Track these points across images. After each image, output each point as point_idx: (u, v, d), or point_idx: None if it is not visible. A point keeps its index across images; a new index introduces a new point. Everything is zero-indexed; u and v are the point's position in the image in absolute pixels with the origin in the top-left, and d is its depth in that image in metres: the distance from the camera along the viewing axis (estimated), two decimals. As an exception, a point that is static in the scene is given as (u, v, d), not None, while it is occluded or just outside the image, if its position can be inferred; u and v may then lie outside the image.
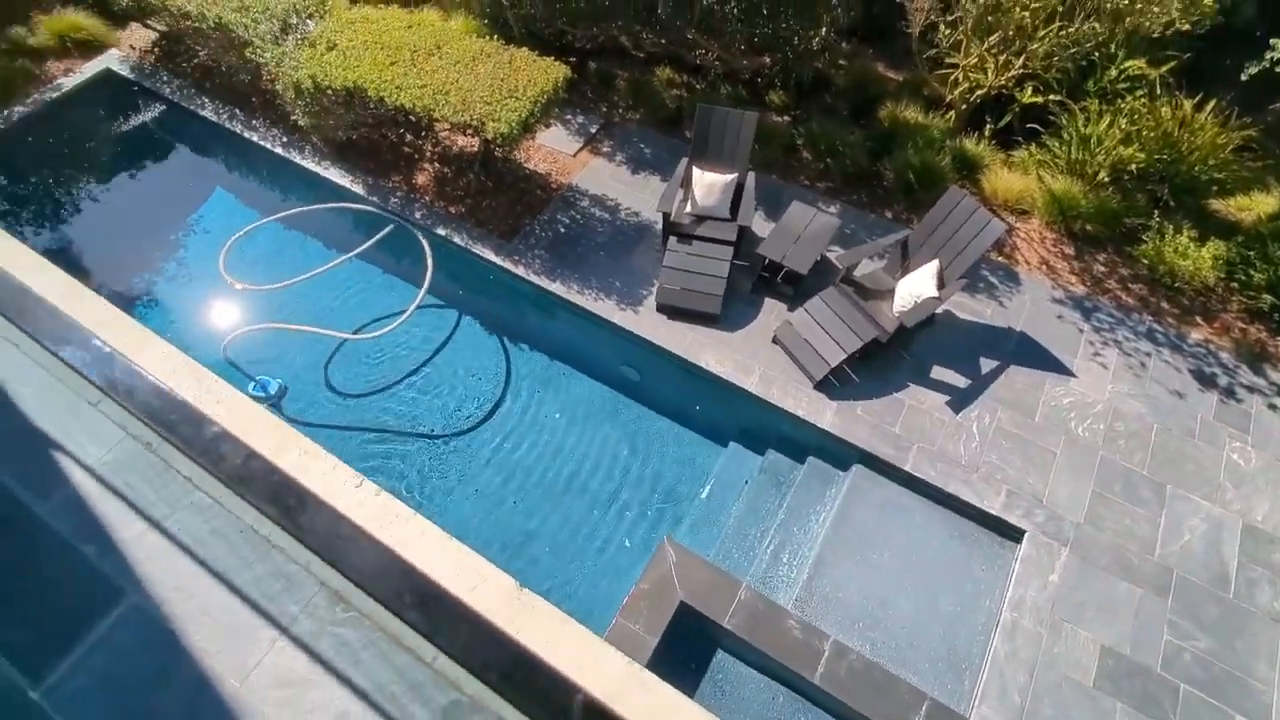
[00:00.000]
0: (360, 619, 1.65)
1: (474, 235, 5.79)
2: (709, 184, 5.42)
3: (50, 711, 1.48)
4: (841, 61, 7.10)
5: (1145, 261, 5.55)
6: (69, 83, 6.89)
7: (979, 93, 5.92)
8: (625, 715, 1.45)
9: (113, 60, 7.13)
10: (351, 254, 5.75)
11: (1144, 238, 5.61)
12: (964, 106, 6.21)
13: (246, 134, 6.49)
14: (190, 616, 1.72)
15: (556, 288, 5.47)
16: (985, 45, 5.59)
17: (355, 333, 5.50)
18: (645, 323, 5.27)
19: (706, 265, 5.27)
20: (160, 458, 1.96)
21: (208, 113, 6.67)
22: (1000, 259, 5.69)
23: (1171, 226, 5.51)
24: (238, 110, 6.66)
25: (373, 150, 6.32)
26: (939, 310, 5.27)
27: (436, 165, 6.30)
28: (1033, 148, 6.12)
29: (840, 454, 4.80)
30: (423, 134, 6.23)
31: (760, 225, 5.79)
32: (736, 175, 5.47)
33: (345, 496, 1.74)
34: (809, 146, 6.34)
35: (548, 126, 5.99)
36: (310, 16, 5.70)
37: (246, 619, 1.71)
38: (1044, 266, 5.65)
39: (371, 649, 1.60)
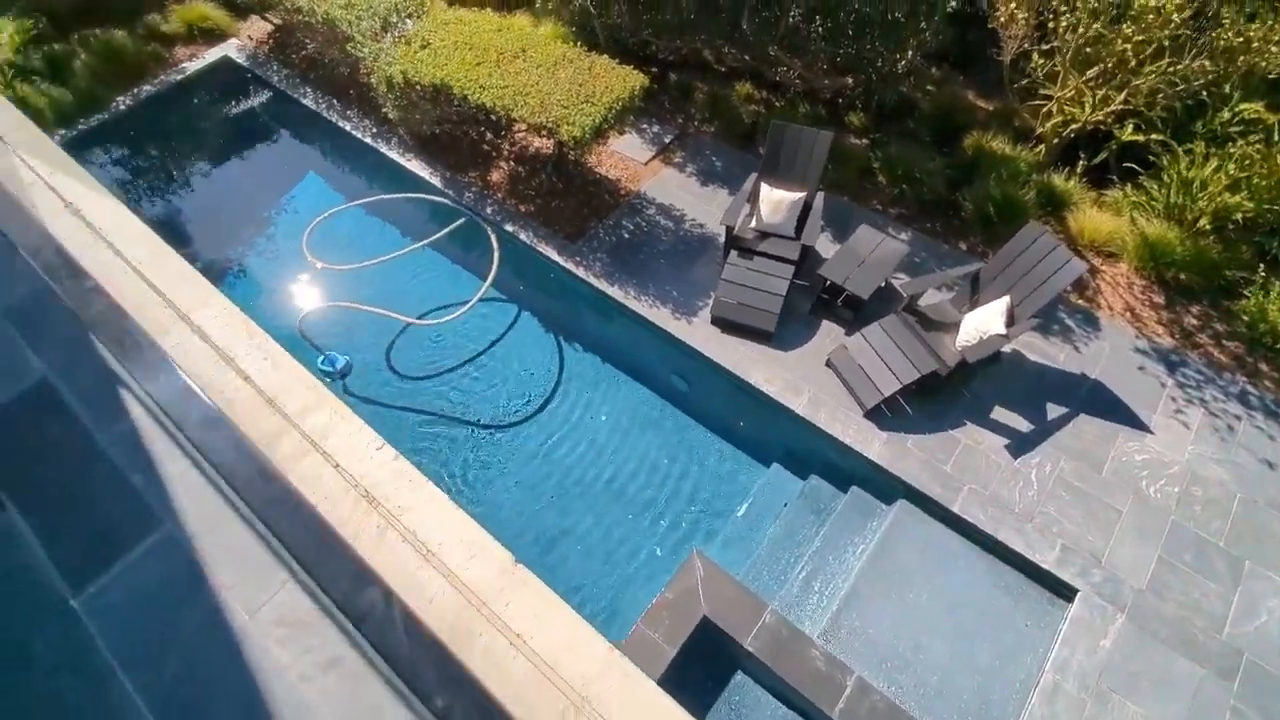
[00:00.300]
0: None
1: (540, 234, 5.94)
2: (776, 201, 5.38)
3: (85, 619, 1.62)
4: (929, 87, 6.93)
5: (1245, 318, 5.14)
6: (191, 67, 7.50)
7: (1073, 127, 5.65)
8: (602, 696, 1.46)
9: (231, 49, 7.71)
10: (424, 242, 6.01)
11: (1246, 293, 5.20)
12: (1056, 140, 5.94)
13: (340, 123, 6.89)
14: (214, 551, 1.85)
15: (614, 292, 5.54)
16: (1083, 78, 5.33)
17: (420, 318, 5.73)
18: (698, 334, 5.27)
19: (765, 282, 5.22)
20: (210, 402, 2.11)
21: (308, 101, 7.13)
22: (1080, 301, 5.40)
23: (1279, 283, 5.09)
24: (335, 101, 7.08)
25: (454, 146, 6.58)
26: (1006, 349, 5.05)
27: (512, 164, 6.51)
28: (1128, 188, 5.79)
29: (885, 487, 4.65)
30: (501, 133, 6.45)
31: (825, 246, 5.71)
32: (805, 194, 5.40)
33: (366, 458, 1.84)
34: (885, 171, 6.20)
35: (622, 133, 6.09)
36: (409, 16, 6.01)
37: (263, 560, 1.83)
38: (1128, 314, 5.32)
39: (379, 600, 1.68)
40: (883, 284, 5.21)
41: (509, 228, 5.99)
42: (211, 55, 7.64)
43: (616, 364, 5.60)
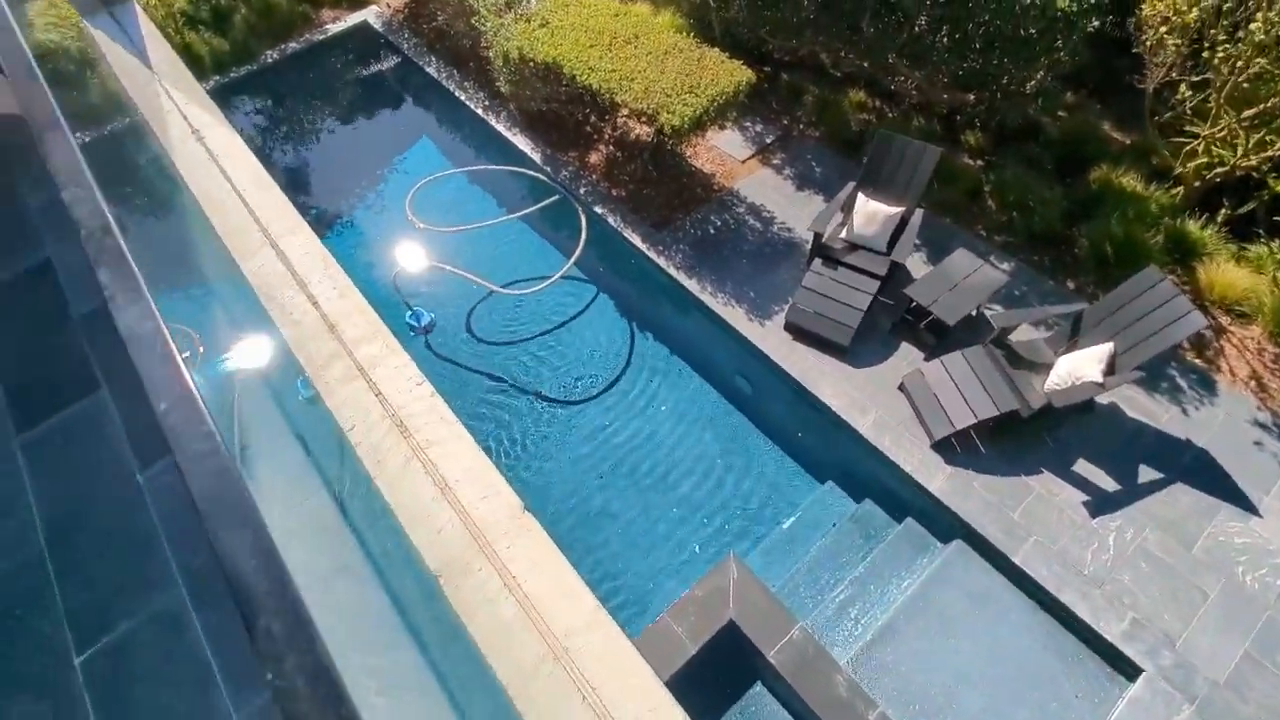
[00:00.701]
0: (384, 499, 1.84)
1: (628, 219, 6.00)
2: (871, 213, 5.18)
3: (147, 494, 1.78)
4: (1060, 112, 6.46)
5: (1398, 406, 4.51)
6: (333, 29, 8.05)
7: (1219, 171, 5.12)
8: (582, 650, 1.47)
9: (370, 15, 8.22)
10: (517, 214, 6.21)
11: (1404, 377, 4.55)
12: (1197, 184, 5.40)
13: (457, 93, 7.21)
14: (265, 456, 2.00)
15: (692, 285, 5.52)
16: (1239, 117, 4.81)
17: (504, 286, 5.93)
18: (770, 339, 5.17)
19: (847, 294, 5.05)
20: (278, 324, 2.28)
21: (431, 70, 7.50)
22: (1197, 361, 4.90)
23: None
24: (454, 71, 7.42)
25: (558, 124, 6.74)
26: (1102, 400, 4.67)
27: (611, 148, 6.60)
28: (1275, 245, 5.18)
29: (943, 523, 4.41)
30: (605, 116, 6.55)
31: (916, 265, 5.46)
32: (904, 209, 5.18)
33: (406, 391, 1.93)
34: (996, 195, 5.85)
35: (722, 128, 6.04)
36: (533, -5, 6.20)
37: (305, 470, 1.96)
38: (1253, 382, 4.77)
39: (385, 521, 1.77)
40: (973, 312, 4.92)
41: (598, 209, 6.09)
42: (352, 20, 8.17)
43: (684, 357, 5.59)
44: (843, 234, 5.33)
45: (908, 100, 6.46)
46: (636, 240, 5.86)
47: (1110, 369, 4.26)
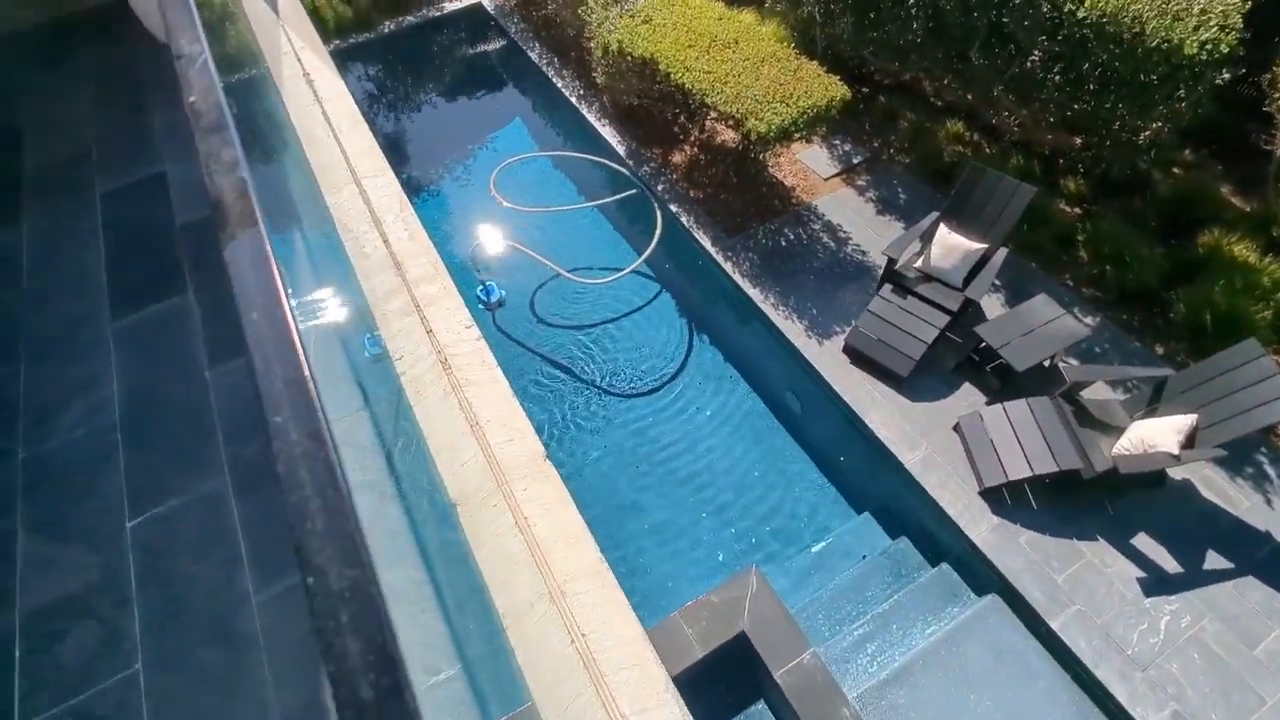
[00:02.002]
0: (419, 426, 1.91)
1: (701, 221, 6.01)
2: (951, 246, 5.01)
3: (211, 390, 1.89)
4: (1174, 168, 6.10)
5: None
6: (450, 7, 8.42)
7: (1347, 249, 4.71)
8: (579, 594, 1.49)
9: (485, -2, 8.55)
10: (594, 203, 6.32)
11: None
12: (1320, 260, 4.98)
13: (555, 80, 7.41)
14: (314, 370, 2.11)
15: (755, 294, 5.48)
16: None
17: (572, 272, 6.03)
18: (826, 359, 5.07)
19: (913, 324, 4.90)
20: (351, 257, 2.41)
21: (533, 55, 7.73)
22: (1292, 451, 4.51)
23: None
24: (555, 59, 7.62)
25: (647, 120, 6.83)
26: (1176, 475, 4.36)
27: (695, 150, 6.63)
28: (1403, 338, 4.72)
29: (980, 575, 4.21)
30: (694, 117, 6.58)
31: (991, 305, 5.24)
32: (986, 246, 4.99)
33: (455, 331, 2.00)
34: (1090, 245, 5.55)
35: (809, 142, 5.98)
36: (642, -8, 6.30)
37: (348, 389, 2.06)
38: (1355, 483, 4.35)
39: (415, 447, 1.84)
40: (1046, 363, 4.70)
41: (674, 208, 6.12)
42: (468, 0, 8.52)
43: (737, 365, 5.55)
44: (918, 263, 5.17)
45: (1008, 136, 6.22)
46: (706, 243, 5.87)
47: (1189, 443, 3.97)
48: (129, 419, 1.88)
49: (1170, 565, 4.06)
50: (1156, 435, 4.00)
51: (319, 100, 2.65)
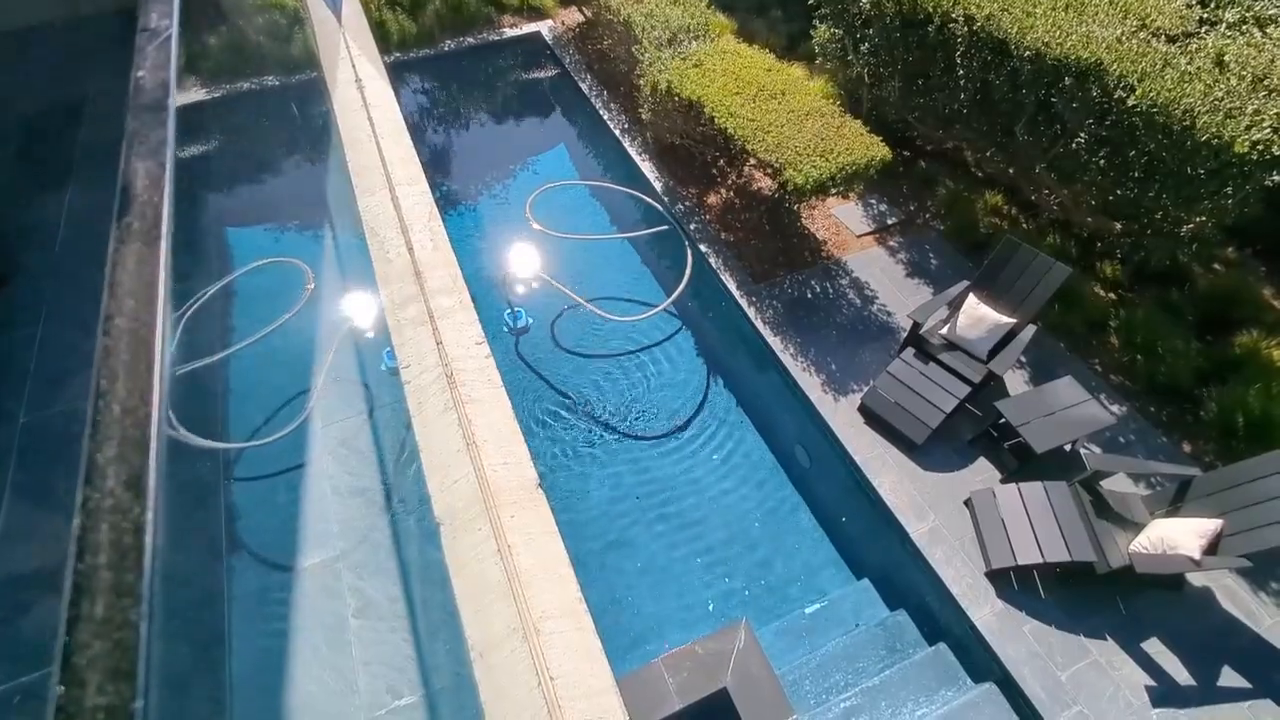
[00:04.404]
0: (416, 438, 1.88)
1: (729, 264, 6.02)
2: (978, 317, 4.95)
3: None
4: (1215, 265, 6.00)
5: None
6: (509, 33, 8.69)
7: (1393, 366, 4.55)
8: (551, 635, 1.42)
9: (544, 28, 8.82)
10: (625, 235, 6.37)
11: None
12: (1362, 375, 4.82)
13: (601, 112, 7.56)
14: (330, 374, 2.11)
15: (775, 342, 5.44)
16: None
17: (599, 301, 6.03)
18: (840, 416, 4.99)
19: (933, 392, 4.81)
20: (374, 262, 2.43)
21: (584, 86, 7.92)
22: (1321, 570, 4.29)
23: None
24: (604, 91, 7.79)
25: (686, 160, 6.91)
26: (1195, 580, 4.17)
27: (731, 194, 6.68)
28: None
29: (979, 661, 4.03)
30: (733, 162, 6.66)
31: (1015, 381, 5.14)
32: (1015, 321, 4.91)
33: (465, 347, 1.98)
34: (1122, 333, 5.44)
35: (845, 198, 5.99)
36: (696, 37, 6.45)
37: (355, 391, 2.04)
38: (1387, 612, 4.12)
39: (410, 459, 1.81)
40: (1067, 447, 4.57)
41: (703, 247, 6.14)
42: (527, 29, 8.79)
43: (749, 412, 5.48)
44: (943, 330, 5.11)
45: (1046, 214, 6.18)
46: (732, 286, 5.86)
47: (1212, 549, 3.80)
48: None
49: (1182, 676, 3.85)
50: (1178, 537, 3.84)
51: (366, 105, 2.72)
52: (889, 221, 6.43)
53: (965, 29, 5.31)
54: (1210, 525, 3.83)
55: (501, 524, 1.58)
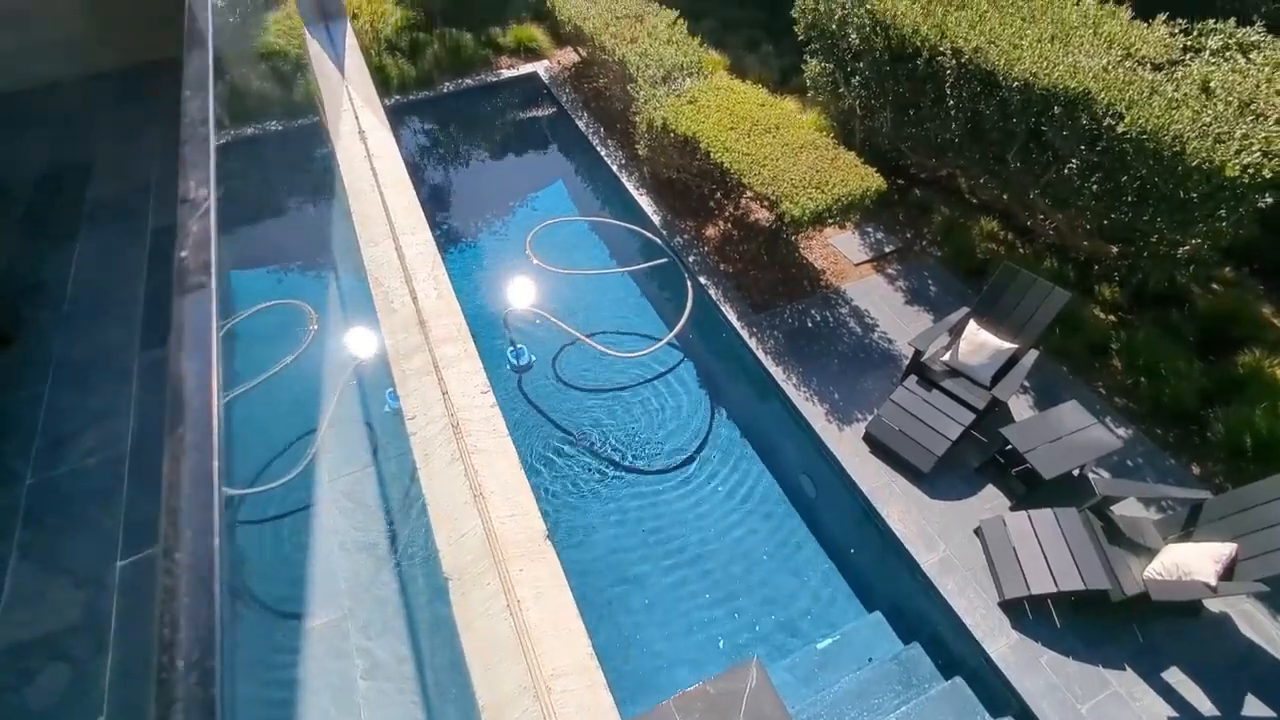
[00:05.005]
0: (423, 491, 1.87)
1: (728, 294, 6.06)
2: (980, 343, 4.96)
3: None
4: (1213, 285, 6.03)
5: None
6: (506, 74, 8.88)
7: (1397, 383, 4.54)
8: (563, 694, 1.40)
9: (540, 68, 9.02)
10: (625, 269, 6.42)
11: None
12: (1367, 392, 4.81)
13: (599, 148, 7.69)
14: (335, 423, 2.10)
15: (777, 372, 5.44)
16: None
17: (601, 336, 6.05)
18: (845, 445, 4.97)
19: (937, 419, 4.80)
20: (378, 310, 2.44)
21: (581, 124, 8.06)
22: (1340, 592, 4.22)
23: None
24: (601, 128, 7.93)
25: (684, 193, 7.00)
26: (1212, 606, 4.11)
27: (729, 225, 6.75)
28: None
29: (997, 694, 3.95)
30: (729, 194, 6.75)
31: (1019, 407, 5.12)
32: (1017, 347, 4.92)
33: (470, 396, 1.98)
34: (1124, 355, 5.44)
35: (842, 228, 6.05)
36: (690, 75, 6.59)
37: (360, 441, 2.03)
38: None
39: (418, 513, 1.80)
40: (1075, 472, 4.53)
41: (703, 279, 6.19)
42: (524, 69, 8.99)
43: (753, 442, 5.46)
44: (945, 357, 5.11)
45: (1043, 239, 6.24)
46: (732, 317, 5.89)
47: (1228, 574, 3.75)
48: (139, 452, 1.88)
49: (1205, 706, 3.77)
50: (1192, 562, 3.79)
51: (369, 156, 2.77)
52: (886, 249, 6.48)
53: (953, 62, 5.42)
54: (1224, 550, 3.78)
55: (510, 578, 1.56)
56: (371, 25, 8.79)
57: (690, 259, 6.41)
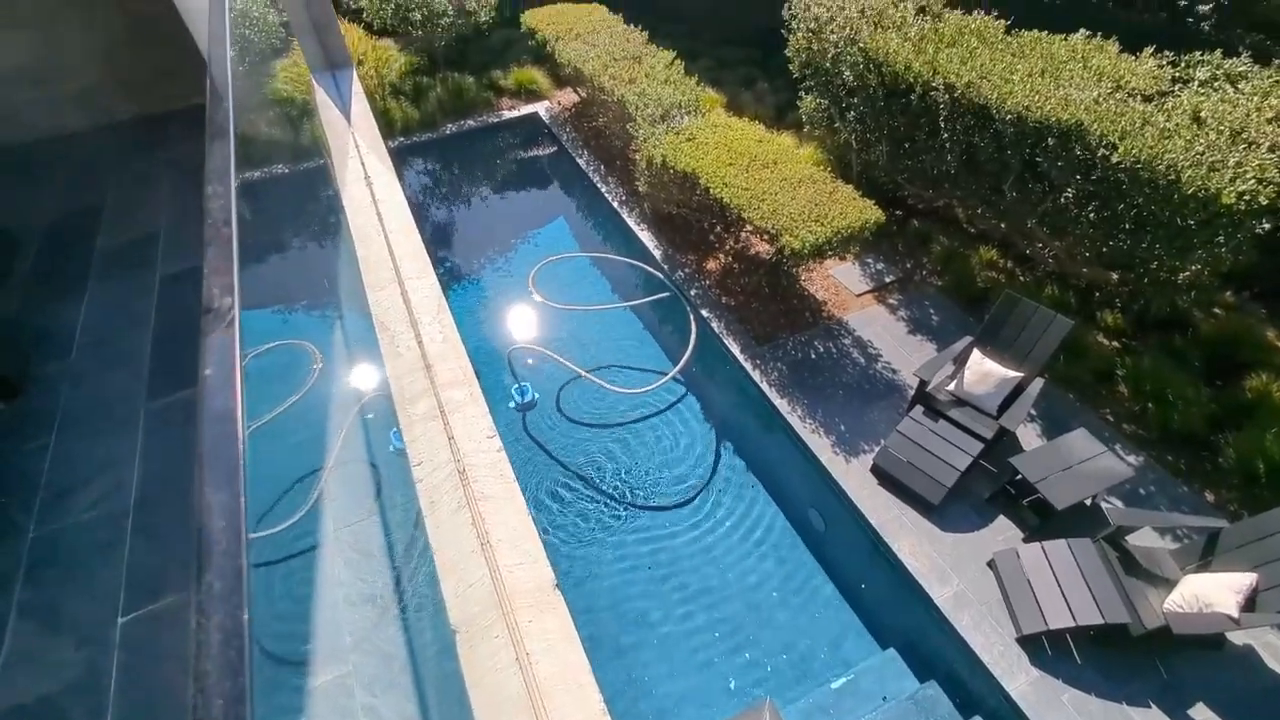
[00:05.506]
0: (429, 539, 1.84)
1: (731, 327, 6.07)
2: (985, 373, 4.94)
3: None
4: (1215, 310, 6.03)
5: None
6: (507, 115, 9.07)
7: None
8: None
9: (540, 109, 9.21)
10: (628, 304, 6.45)
11: None
12: (1378, 414, 4.76)
13: (599, 185, 7.80)
14: (340, 467, 2.07)
15: (782, 405, 5.42)
16: None
17: (603, 371, 6.05)
18: (853, 478, 4.92)
19: (946, 450, 4.76)
20: (384, 355, 2.45)
21: (581, 162, 8.20)
22: (1366, 622, 4.12)
23: None
24: (601, 166, 8.06)
25: (684, 228, 7.08)
26: (1236, 639, 4.01)
27: (729, 259, 6.80)
28: None
29: (1018, 735, 3.83)
30: (730, 228, 6.82)
31: (1028, 436, 5.08)
32: (1022, 375, 4.90)
33: (476, 441, 1.97)
34: (1130, 382, 5.42)
35: (843, 259, 6.09)
36: (688, 113, 6.72)
37: (365, 489, 2.02)
38: None
39: (423, 563, 1.76)
40: (1087, 501, 4.47)
41: (704, 312, 6.22)
42: (525, 110, 9.18)
43: (760, 476, 5.41)
44: (950, 386, 5.09)
45: (1043, 267, 6.27)
46: (735, 349, 5.89)
47: (1249, 605, 3.67)
48: (143, 504, 1.86)
49: (1235, 744, 3.65)
50: (1212, 593, 3.71)
51: (375, 202, 2.82)
52: (887, 279, 6.52)
53: (946, 96, 5.53)
54: (1245, 580, 3.71)
55: (520, 630, 1.53)
56: (376, 70, 9.01)
57: (692, 292, 6.44)
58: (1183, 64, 5.09)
